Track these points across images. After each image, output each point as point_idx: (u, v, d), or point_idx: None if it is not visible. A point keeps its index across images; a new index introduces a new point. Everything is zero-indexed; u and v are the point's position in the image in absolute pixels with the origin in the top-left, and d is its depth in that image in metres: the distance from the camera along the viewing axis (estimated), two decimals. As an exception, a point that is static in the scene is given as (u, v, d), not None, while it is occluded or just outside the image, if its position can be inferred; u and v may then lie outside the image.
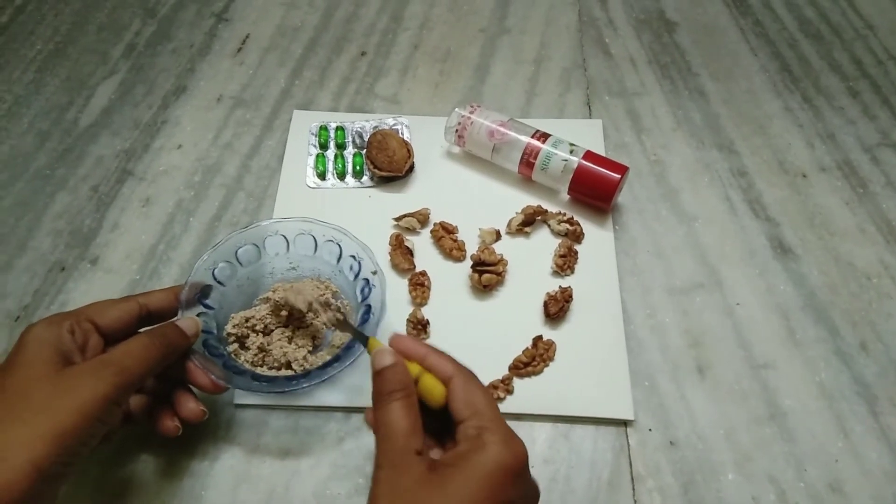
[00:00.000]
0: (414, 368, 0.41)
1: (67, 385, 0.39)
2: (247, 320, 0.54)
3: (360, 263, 0.54)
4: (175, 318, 0.48)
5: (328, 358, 0.52)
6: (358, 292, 0.54)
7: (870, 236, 0.65)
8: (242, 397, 0.54)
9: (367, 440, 0.53)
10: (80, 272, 0.62)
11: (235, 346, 0.53)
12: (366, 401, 0.42)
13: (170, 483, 0.51)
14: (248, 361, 0.53)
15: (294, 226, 0.56)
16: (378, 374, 0.41)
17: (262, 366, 0.53)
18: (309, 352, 0.54)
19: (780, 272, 0.63)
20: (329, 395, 0.54)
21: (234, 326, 0.53)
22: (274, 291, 0.56)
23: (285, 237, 0.56)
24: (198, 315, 0.50)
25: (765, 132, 0.74)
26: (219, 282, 0.54)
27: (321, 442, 0.53)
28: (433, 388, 0.40)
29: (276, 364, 0.53)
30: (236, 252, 0.55)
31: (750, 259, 0.64)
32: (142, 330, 0.46)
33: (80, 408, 0.38)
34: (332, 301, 0.55)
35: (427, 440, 0.40)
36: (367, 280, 0.53)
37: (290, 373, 0.52)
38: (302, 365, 0.52)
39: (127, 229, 0.65)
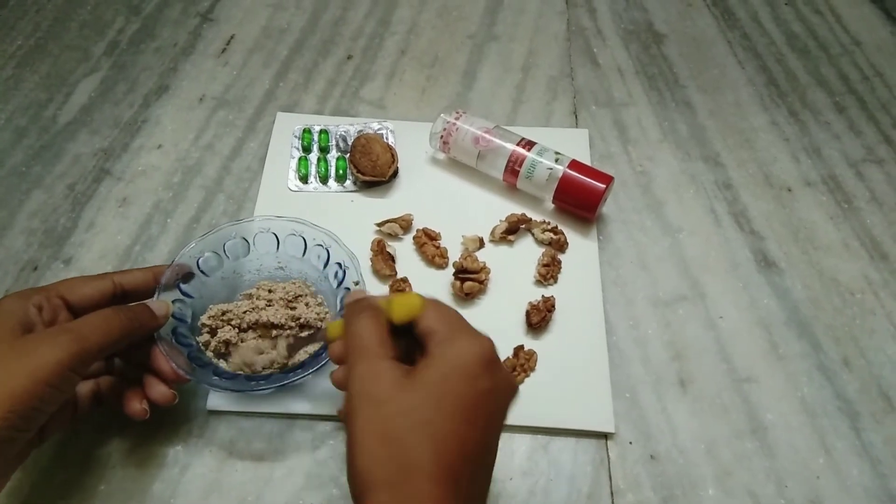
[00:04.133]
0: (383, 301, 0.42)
1: (22, 350, 0.39)
2: (223, 313, 0.53)
3: (344, 272, 0.53)
4: (148, 300, 0.48)
5: (296, 363, 0.51)
6: (338, 301, 0.53)
7: (854, 251, 0.65)
8: (215, 402, 0.53)
9: (343, 449, 0.52)
10: (53, 272, 0.61)
11: (207, 337, 0.52)
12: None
13: (139, 489, 0.49)
14: (212, 351, 0.52)
15: (286, 225, 0.55)
16: (348, 305, 0.42)
17: (225, 359, 0.52)
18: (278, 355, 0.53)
19: (763, 286, 0.62)
20: (301, 403, 0.53)
21: (209, 318, 0.52)
22: (258, 289, 0.55)
23: (276, 235, 0.56)
24: (174, 301, 0.49)
25: (751, 145, 0.74)
26: (202, 272, 0.53)
27: (295, 451, 0.52)
28: (409, 297, 0.41)
29: (241, 363, 0.52)
30: (224, 244, 0.54)
31: (734, 272, 0.63)
32: None
33: (32, 372, 0.38)
34: (284, 332, 0.53)
35: None
36: (348, 290, 0.52)
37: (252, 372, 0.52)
38: (266, 368, 0.51)
39: (103, 229, 0.64)
